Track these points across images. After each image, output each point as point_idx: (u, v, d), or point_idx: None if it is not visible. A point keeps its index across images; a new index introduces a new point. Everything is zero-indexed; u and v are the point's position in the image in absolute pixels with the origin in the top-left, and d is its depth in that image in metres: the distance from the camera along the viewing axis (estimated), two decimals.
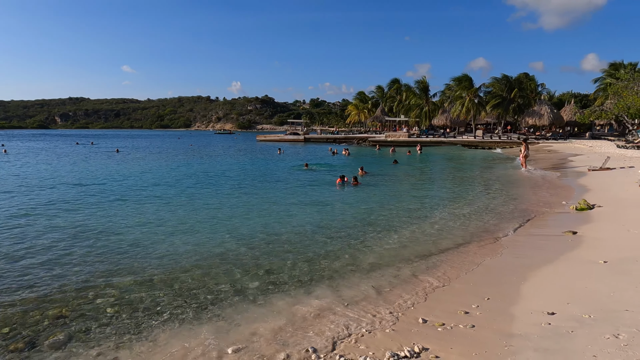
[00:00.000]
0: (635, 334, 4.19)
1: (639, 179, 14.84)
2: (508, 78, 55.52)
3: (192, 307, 6.04)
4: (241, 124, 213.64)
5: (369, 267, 7.65)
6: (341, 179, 18.32)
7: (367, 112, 76.61)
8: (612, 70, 51.65)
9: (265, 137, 74.66)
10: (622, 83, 39.95)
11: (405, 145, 46.84)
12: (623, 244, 8.02)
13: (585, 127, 56.17)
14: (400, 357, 4.46)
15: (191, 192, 16.74)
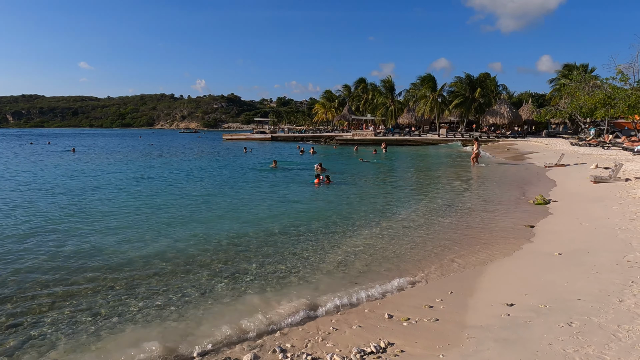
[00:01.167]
0: (586, 322, 4.41)
1: (591, 175, 15.66)
2: (470, 78, 57.19)
3: (156, 309, 5.87)
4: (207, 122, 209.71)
5: (336, 265, 7.69)
6: (318, 179, 18.43)
7: (334, 110, 76.99)
8: (565, 71, 54.18)
9: (231, 135, 73.57)
10: (575, 84, 42.02)
11: (371, 143, 47.40)
12: (576, 237, 8.43)
13: (542, 125, 58.69)
14: (366, 352, 4.51)
15: (150, 192, 16.27)
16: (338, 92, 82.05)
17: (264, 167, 25.09)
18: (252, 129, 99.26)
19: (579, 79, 42.80)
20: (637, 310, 4.54)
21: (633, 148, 26.01)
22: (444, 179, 20.19)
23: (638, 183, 13.45)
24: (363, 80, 75.40)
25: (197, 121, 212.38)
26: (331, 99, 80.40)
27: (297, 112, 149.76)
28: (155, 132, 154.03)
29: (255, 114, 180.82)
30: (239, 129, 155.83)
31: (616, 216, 9.37)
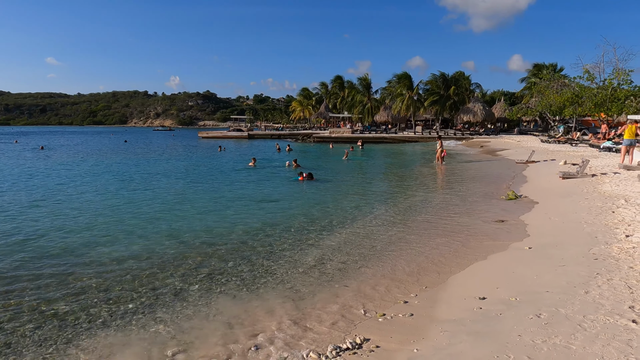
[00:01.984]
0: (554, 313, 4.56)
1: (560, 171, 16.18)
2: (445, 76, 58.17)
3: (129, 312, 5.74)
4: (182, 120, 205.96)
5: (313, 264, 7.69)
6: (302, 176, 18.42)
7: (311, 108, 76.98)
8: (535, 70, 55.78)
9: (207, 133, 72.56)
10: (544, 83, 43.32)
11: (349, 141, 47.63)
12: (545, 231, 8.70)
13: (514, 123, 60.24)
14: (342, 349, 4.53)
15: (122, 191, 15.91)
16: (315, 89, 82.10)
17: (242, 166, 24.82)
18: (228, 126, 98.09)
19: (548, 78, 44.15)
20: (602, 301, 4.72)
21: (599, 145, 27.01)
22: (419, 176, 20.48)
23: (604, 179, 13.98)
24: (340, 78, 75.62)
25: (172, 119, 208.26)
26: (308, 96, 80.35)
27: (275, 109, 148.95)
28: (129, 129, 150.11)
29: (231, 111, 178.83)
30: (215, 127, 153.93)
31: (583, 211, 9.71)
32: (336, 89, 74.91)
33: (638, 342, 3.70)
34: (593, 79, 35.73)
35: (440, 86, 57.48)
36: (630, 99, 33.55)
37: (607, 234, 7.55)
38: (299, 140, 56.68)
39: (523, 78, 60.95)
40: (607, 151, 24.18)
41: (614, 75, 34.20)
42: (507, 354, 3.74)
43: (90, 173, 22.03)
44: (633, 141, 17.21)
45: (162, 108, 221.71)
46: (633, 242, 6.84)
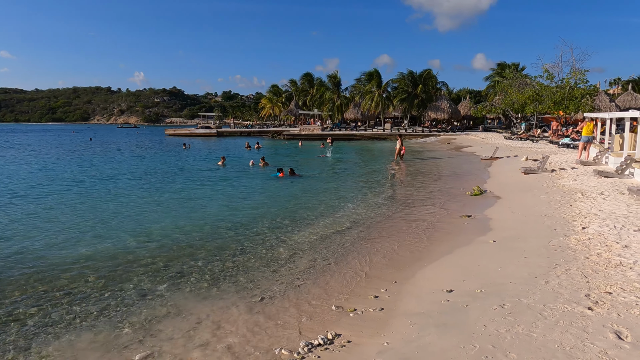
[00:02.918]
0: (517, 303, 4.75)
1: (522, 167, 16.80)
2: (413, 74, 59.08)
3: (93, 314, 5.56)
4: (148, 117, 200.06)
5: (284, 261, 7.69)
6: (283, 172, 18.29)
7: (281, 105, 76.51)
8: (499, 69, 57.57)
9: (175, 131, 70.79)
10: (507, 81, 44.78)
11: (319, 138, 47.70)
12: (508, 225, 9.03)
13: (479, 120, 61.97)
14: (314, 345, 4.56)
15: (83, 191, 15.36)
16: (285, 86, 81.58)
17: (208, 166, 24.35)
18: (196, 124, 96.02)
19: (511, 77, 45.67)
20: (560, 290, 4.96)
21: (558, 141, 28.22)
22: (388, 173, 20.79)
23: (562, 174, 14.62)
24: (309, 75, 75.47)
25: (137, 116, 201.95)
26: (278, 93, 79.82)
27: (244, 106, 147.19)
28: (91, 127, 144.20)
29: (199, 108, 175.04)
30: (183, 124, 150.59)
31: (543, 204, 10.13)
32: (306, 86, 74.73)
33: (593, 328, 3.91)
34: (552, 78, 37.26)
35: (409, 84, 58.38)
36: (586, 98, 35.21)
37: (566, 226, 7.91)
38: (269, 138, 56.32)
39: (487, 76, 62.83)
40: (566, 147, 25.30)
41: (571, 75, 35.79)
42: (473, 343, 3.87)
43: (52, 173, 21.12)
44: (590, 138, 18.08)
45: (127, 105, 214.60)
46: (589, 233, 7.20)
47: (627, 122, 15.74)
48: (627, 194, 10.20)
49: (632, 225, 7.45)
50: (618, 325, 3.91)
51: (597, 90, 39.81)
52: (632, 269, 5.39)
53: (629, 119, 15.68)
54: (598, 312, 4.25)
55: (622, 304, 4.38)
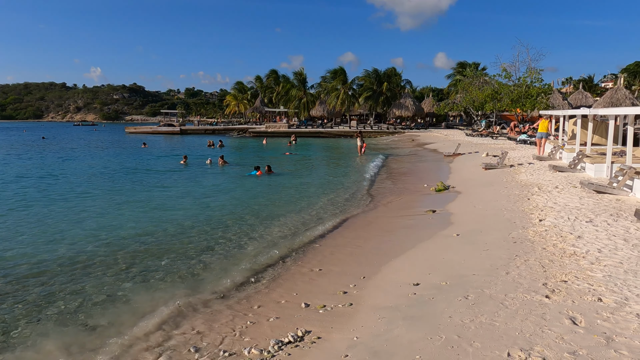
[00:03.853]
0: (480, 294, 4.93)
1: (482, 162, 17.39)
2: (378, 72, 59.86)
3: (53, 317, 5.31)
4: (106, 114, 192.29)
5: (252, 259, 7.62)
6: (261, 171, 18.08)
7: (246, 102, 75.60)
8: (460, 68, 59.23)
9: (135, 128, 68.51)
10: (468, 80, 46.17)
11: (285, 135, 47.51)
12: (471, 218, 9.33)
13: (442, 117, 63.61)
14: (284, 343, 4.55)
15: (37, 191, 14.65)
16: (250, 83, 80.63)
17: (172, 164, 23.76)
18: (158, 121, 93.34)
19: (471, 76, 47.11)
20: (520, 280, 5.18)
21: (516, 138, 29.39)
22: (354, 170, 20.99)
23: (520, 169, 15.25)
24: (275, 72, 74.95)
25: (95, 113, 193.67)
26: (243, 90, 78.79)
27: (208, 103, 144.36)
28: (45, 125, 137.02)
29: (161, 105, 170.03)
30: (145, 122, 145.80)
31: (503, 199, 10.53)
32: (271, 83, 74.19)
33: (550, 315, 4.12)
34: (510, 77, 38.71)
35: (374, 82, 59.12)
36: (542, 96, 36.85)
37: (524, 219, 8.26)
38: (235, 135, 55.56)
39: (449, 75, 64.53)
40: (523, 143, 26.39)
41: (528, 74, 37.33)
42: (439, 334, 3.99)
43: (5, 173, 19.96)
44: (546, 134, 18.94)
45: (84, 102, 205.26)
46: (545, 225, 7.56)
47: (579, 119, 16.60)
48: (579, 187, 10.77)
49: (584, 216, 7.88)
50: (573, 312, 4.13)
51: (551, 88, 41.69)
52: (584, 258, 5.71)
53: (580, 116, 16.54)
54: (555, 299, 4.47)
55: (576, 292, 4.62)
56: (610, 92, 38.73)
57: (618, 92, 38.55)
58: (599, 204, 8.82)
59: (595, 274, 5.09)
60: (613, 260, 5.50)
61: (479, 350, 3.57)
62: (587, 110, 15.23)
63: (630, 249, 5.92)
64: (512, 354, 3.44)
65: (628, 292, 4.49)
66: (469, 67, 54.92)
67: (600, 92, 59.91)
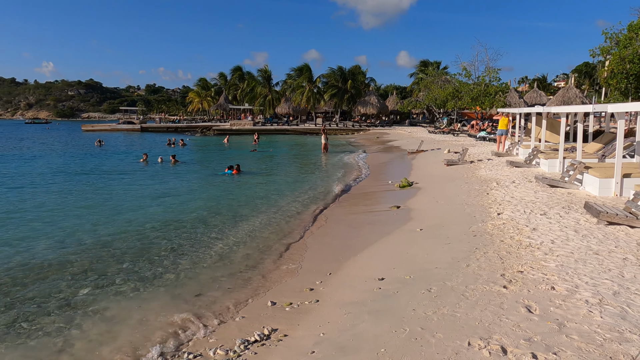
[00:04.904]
0: (442, 286, 5.07)
1: (444, 159, 17.88)
2: (342, 70, 60.24)
3: (2, 325, 5.03)
4: (61, 112, 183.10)
5: (218, 258, 7.52)
6: (235, 170, 17.76)
7: (210, 99, 74.22)
8: (422, 67, 60.59)
9: (93, 126, 65.70)
10: (430, 78, 47.32)
11: (250, 133, 47.03)
12: (433, 213, 9.58)
13: (405, 115, 64.86)
14: (250, 342, 4.52)
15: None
16: (214, 80, 79.19)
17: (130, 162, 22.95)
18: (118, 119, 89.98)
19: (433, 74, 48.30)
20: (480, 272, 5.37)
21: (476, 135, 30.39)
22: (320, 168, 21.07)
23: (480, 165, 15.79)
24: (239, 69, 73.93)
25: (49, 110, 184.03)
26: (206, 87, 77.28)
27: (170, 100, 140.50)
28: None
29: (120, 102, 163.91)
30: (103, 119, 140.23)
31: (464, 194, 10.87)
32: (236, 80, 73.15)
33: (508, 305, 4.29)
34: (469, 76, 39.96)
35: (339, 79, 59.47)
36: (499, 94, 38.27)
37: (483, 213, 8.57)
38: (198, 133, 54.43)
39: (412, 73, 65.79)
40: (482, 140, 27.33)
41: (486, 73, 38.66)
42: (404, 327, 4.08)
43: None
44: (505, 131, 19.69)
45: (35, 98, 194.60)
46: (503, 219, 7.87)
47: (534, 116, 17.36)
48: (534, 181, 11.28)
49: (539, 210, 8.26)
50: (528, 300, 4.33)
51: (508, 87, 43.39)
52: (539, 249, 5.99)
53: (535, 113, 17.31)
54: (512, 289, 4.67)
55: (531, 281, 4.84)
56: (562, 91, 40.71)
57: (569, 91, 40.54)
58: (552, 198, 9.27)
59: (549, 264, 5.35)
60: (565, 251, 5.80)
61: (441, 341, 3.68)
62: (541, 109, 15.95)
63: (580, 239, 6.27)
64: (473, 343, 3.57)
65: (578, 280, 4.75)
66: (431, 66, 56.27)
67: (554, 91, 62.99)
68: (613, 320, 3.75)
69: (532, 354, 3.29)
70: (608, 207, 7.31)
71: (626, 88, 19.96)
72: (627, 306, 4.02)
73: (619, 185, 9.01)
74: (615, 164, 9.13)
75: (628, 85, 19.54)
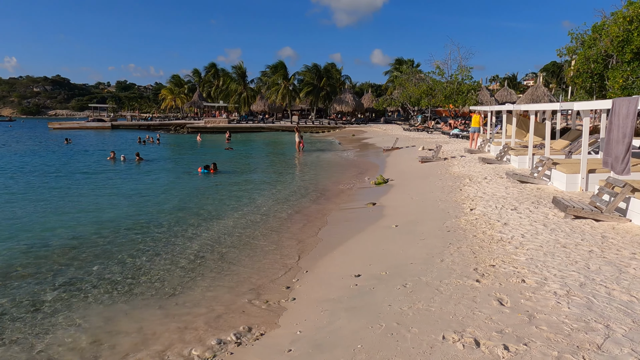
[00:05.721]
0: (417, 281, 5.14)
1: (419, 156, 18.14)
2: (318, 67, 60.23)
3: None
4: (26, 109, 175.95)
5: (192, 258, 7.39)
6: (213, 169, 17.46)
7: (183, 97, 72.90)
8: (397, 65, 61.27)
9: (61, 124, 63.36)
10: (405, 76, 47.88)
11: (223, 131, 46.46)
12: (408, 210, 9.70)
13: (380, 113, 65.44)
14: (226, 341, 4.47)
15: None
16: (187, 77, 77.83)
17: (98, 161, 22.28)
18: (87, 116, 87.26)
19: (407, 72, 48.89)
20: (453, 267, 5.47)
21: (449, 132, 30.96)
22: (296, 165, 21.04)
23: (453, 161, 16.09)
24: (214, 66, 72.86)
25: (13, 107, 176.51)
26: (180, 84, 75.88)
27: (142, 97, 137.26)
28: None
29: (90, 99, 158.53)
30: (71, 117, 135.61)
31: (438, 190, 11.06)
32: (210, 77, 72.08)
33: (480, 298, 4.39)
34: (443, 74, 40.65)
35: (314, 77, 59.44)
36: (472, 92, 39.10)
37: (457, 209, 8.74)
38: (172, 131, 53.41)
39: (387, 71, 66.48)
40: (455, 137, 27.86)
41: (459, 71, 39.42)
42: (380, 323, 4.11)
43: None
44: (477, 129, 20.12)
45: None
46: (476, 214, 8.05)
47: (504, 114, 17.81)
48: (505, 177, 11.58)
49: (510, 205, 8.49)
50: (500, 294, 4.44)
51: (480, 85, 44.37)
52: (510, 243, 6.15)
53: (505, 111, 17.76)
54: (484, 283, 4.78)
55: (502, 275, 4.97)
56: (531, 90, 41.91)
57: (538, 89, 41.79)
58: (522, 193, 9.54)
59: (519, 257, 5.51)
60: (534, 244, 5.98)
61: (416, 336, 3.73)
62: (512, 106, 16.37)
63: (549, 233, 6.47)
64: (447, 336, 3.63)
65: (547, 272, 4.91)
66: (405, 64, 56.93)
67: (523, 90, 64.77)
68: (580, 311, 3.89)
69: (504, 345, 3.38)
70: (574, 202, 7.58)
71: (591, 87, 20.74)
72: (593, 297, 4.18)
73: (585, 180, 9.35)
74: (581, 160, 9.47)
75: (593, 84, 20.31)
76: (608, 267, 4.96)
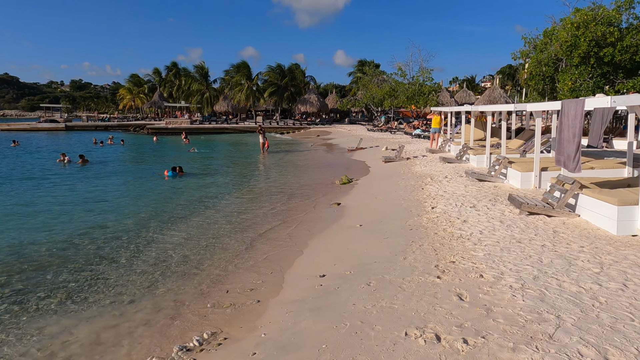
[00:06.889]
0: (380, 280, 5.22)
1: (382, 156, 18.43)
2: (282, 67, 60.01)
3: None
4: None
5: (153, 263, 7.17)
6: (182, 171, 17.00)
7: (143, 96, 70.67)
8: (360, 66, 61.98)
9: (9, 125, 59.95)
10: (368, 77, 48.53)
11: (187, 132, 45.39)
12: (372, 209, 9.84)
13: (345, 113, 66.02)
14: (189, 348, 4.37)
15: None
16: (147, 76, 75.51)
17: (47, 163, 21.19)
18: (39, 117, 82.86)
19: (370, 73, 49.58)
20: (416, 264, 5.59)
21: (411, 132, 31.64)
22: (260, 167, 20.87)
23: (415, 161, 16.46)
24: (175, 65, 71.09)
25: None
26: (139, 83, 73.50)
27: (98, 97, 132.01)
28: None
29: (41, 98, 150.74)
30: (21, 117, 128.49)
31: (400, 189, 11.27)
32: (171, 77, 70.26)
33: (441, 294, 4.51)
34: (405, 76, 41.51)
35: (278, 77, 59.18)
36: (432, 94, 40.15)
37: (419, 207, 8.94)
38: (131, 132, 51.67)
39: (350, 72, 67.12)
40: (418, 137, 28.51)
41: (420, 73, 40.38)
42: (344, 322, 4.14)
43: None
44: (438, 129, 20.66)
45: None
46: (437, 212, 8.26)
47: (463, 115, 18.39)
48: (465, 176, 11.96)
49: (469, 203, 8.77)
50: (459, 289, 4.58)
51: (440, 87, 45.66)
52: (469, 239, 6.36)
53: (464, 112, 18.35)
54: (445, 279, 4.91)
55: (462, 270, 5.13)
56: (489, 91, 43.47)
57: (494, 91, 43.39)
58: (480, 191, 9.88)
59: (478, 253, 5.70)
60: (492, 240, 6.20)
61: (380, 333, 3.78)
62: (470, 107, 16.93)
63: (505, 229, 6.74)
64: (409, 332, 3.70)
65: (503, 267, 5.10)
66: (367, 65, 57.68)
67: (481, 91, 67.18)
68: (533, 303, 4.07)
69: (463, 339, 3.48)
70: (528, 199, 7.93)
71: (543, 89, 21.79)
72: (545, 289, 4.38)
73: (538, 178, 9.80)
74: (534, 158, 9.92)
75: (544, 86, 21.34)
76: (559, 260, 5.22)
